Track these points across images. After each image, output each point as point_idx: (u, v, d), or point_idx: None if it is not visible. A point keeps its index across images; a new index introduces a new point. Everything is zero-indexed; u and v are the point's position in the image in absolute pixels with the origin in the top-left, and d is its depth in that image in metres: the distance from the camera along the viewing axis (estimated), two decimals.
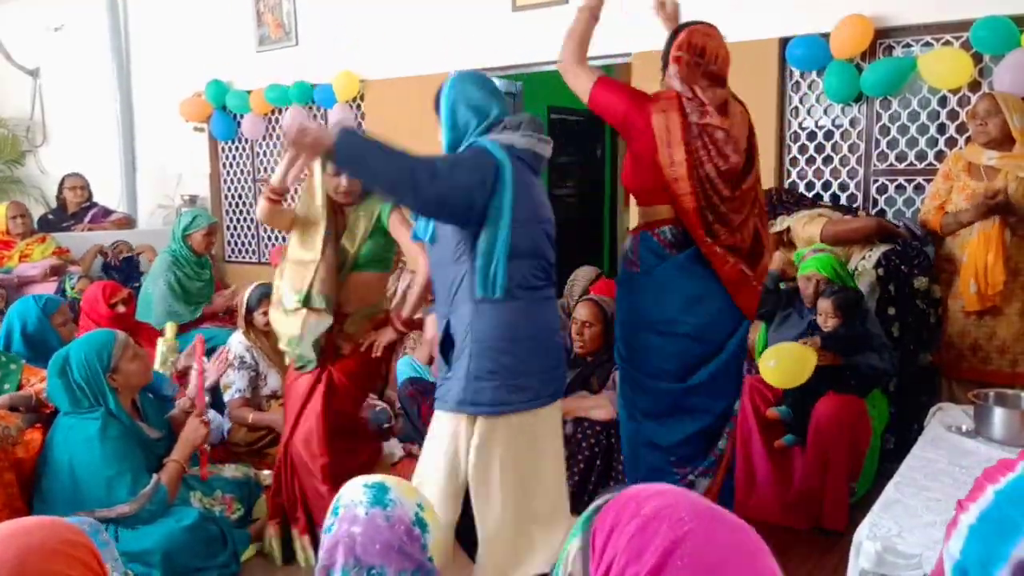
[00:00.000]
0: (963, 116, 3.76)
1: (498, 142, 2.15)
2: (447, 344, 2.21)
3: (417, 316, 4.44)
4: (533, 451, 2.23)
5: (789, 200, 3.81)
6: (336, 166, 2.25)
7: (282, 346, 2.85)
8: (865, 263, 3.54)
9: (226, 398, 3.81)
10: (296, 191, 2.74)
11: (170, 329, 3.99)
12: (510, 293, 2.13)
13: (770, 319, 3.49)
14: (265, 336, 3.91)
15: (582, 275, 4.27)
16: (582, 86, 2.45)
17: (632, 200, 2.83)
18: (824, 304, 3.18)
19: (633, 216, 4.47)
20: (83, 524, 1.17)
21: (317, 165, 2.73)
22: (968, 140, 3.72)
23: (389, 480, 1.35)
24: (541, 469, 2.26)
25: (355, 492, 1.32)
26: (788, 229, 3.71)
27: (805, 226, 3.61)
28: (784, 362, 3.05)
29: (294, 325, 2.73)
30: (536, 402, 2.20)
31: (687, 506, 0.89)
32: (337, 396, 2.83)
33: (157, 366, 3.45)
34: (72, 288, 4.61)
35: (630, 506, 0.90)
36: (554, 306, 2.31)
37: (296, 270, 2.74)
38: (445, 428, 2.22)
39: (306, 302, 2.69)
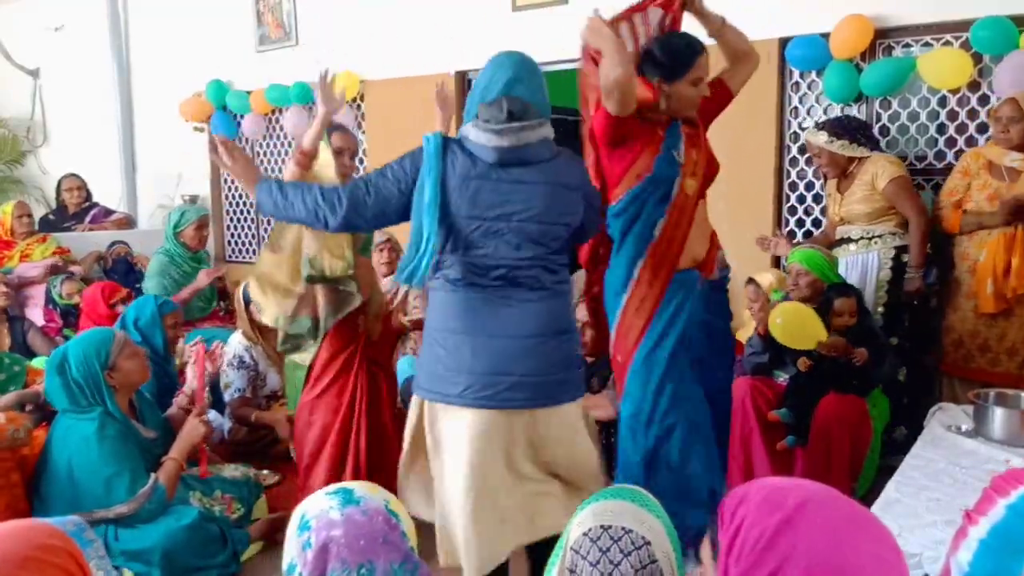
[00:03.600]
0: (963, 116, 3.76)
1: (462, 137, 2.16)
2: None
3: (420, 317, 4.46)
4: (459, 449, 2.13)
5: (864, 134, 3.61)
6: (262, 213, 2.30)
7: (266, 320, 2.81)
8: (880, 252, 3.52)
9: (226, 398, 3.81)
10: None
11: None
12: (448, 286, 2.14)
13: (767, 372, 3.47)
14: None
15: (578, 279, 4.27)
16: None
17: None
18: (847, 303, 3.18)
19: None
20: (65, 524, 1.15)
21: (324, 145, 2.76)
22: (968, 140, 3.73)
23: (348, 484, 1.35)
24: (456, 466, 2.14)
25: (320, 502, 1.30)
26: (857, 160, 3.54)
27: (889, 165, 3.46)
28: (788, 319, 3.11)
29: (286, 305, 2.73)
30: (462, 400, 2.09)
31: (812, 483, 1.00)
32: (391, 384, 3.04)
33: None
34: (59, 295, 4.58)
35: (757, 483, 1.00)
36: (524, 311, 2.11)
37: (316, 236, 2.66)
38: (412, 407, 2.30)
39: (333, 281, 2.68)
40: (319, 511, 1.28)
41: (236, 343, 3.86)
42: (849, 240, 3.62)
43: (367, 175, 2.17)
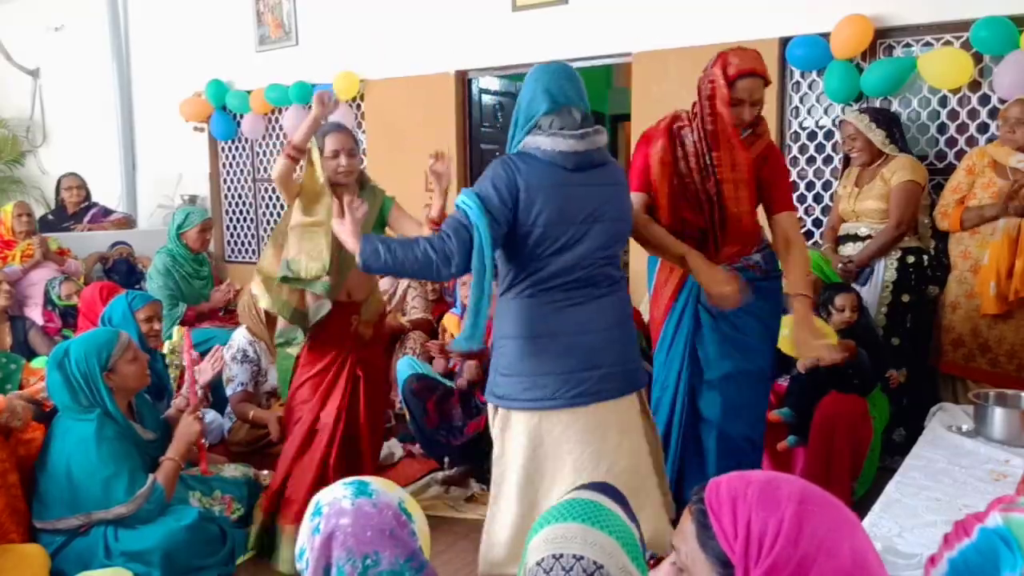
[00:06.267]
0: (963, 116, 3.76)
1: (530, 147, 2.17)
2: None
3: (419, 317, 4.46)
4: (540, 451, 2.22)
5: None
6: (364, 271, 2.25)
7: (263, 304, 2.85)
8: (888, 262, 3.51)
9: (228, 392, 3.81)
10: (300, 169, 2.82)
11: (177, 333, 3.99)
12: (524, 292, 2.17)
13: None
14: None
15: None
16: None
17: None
18: (848, 299, 3.19)
19: None
20: None
21: (314, 147, 2.78)
22: (969, 140, 3.73)
23: (366, 477, 1.37)
24: (551, 472, 2.24)
25: (335, 491, 1.33)
26: (884, 157, 3.53)
27: (911, 166, 3.45)
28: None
29: (290, 297, 2.77)
30: (550, 402, 2.19)
31: (785, 474, 1.00)
32: (374, 388, 2.96)
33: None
34: (58, 296, 4.58)
35: (735, 481, 0.98)
36: (600, 306, 2.24)
37: (303, 234, 2.72)
38: (491, 418, 2.32)
39: (306, 284, 2.72)
40: (332, 499, 1.32)
41: (241, 337, 3.87)
42: (856, 237, 3.59)
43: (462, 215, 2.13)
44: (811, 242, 4.12)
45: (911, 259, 3.49)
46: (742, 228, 2.57)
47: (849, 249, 3.61)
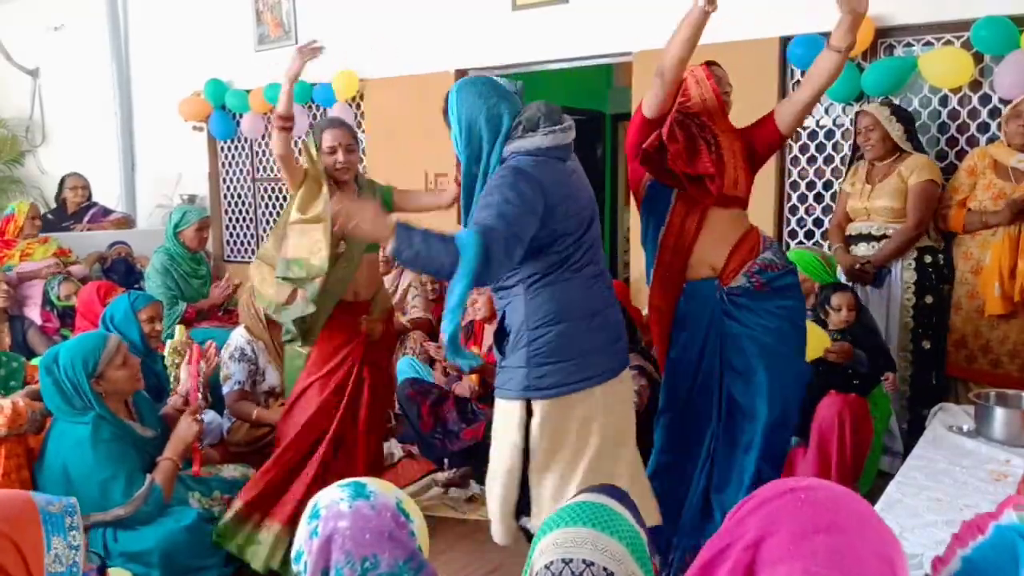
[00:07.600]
0: (964, 116, 3.76)
1: (524, 151, 2.14)
2: (501, 334, 2.25)
3: (418, 316, 4.45)
4: (598, 425, 2.22)
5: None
6: (397, 260, 2.14)
7: (259, 304, 2.88)
8: (905, 263, 3.49)
9: (224, 390, 3.79)
10: (297, 159, 2.83)
11: (179, 331, 3.98)
12: (561, 275, 2.16)
13: None
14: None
15: None
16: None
17: (632, 199, 2.85)
18: (846, 298, 3.19)
19: (634, 215, 4.47)
20: (49, 504, 1.21)
21: (311, 141, 2.82)
22: (970, 140, 3.73)
23: (362, 479, 1.37)
24: (582, 448, 2.23)
25: (333, 493, 1.33)
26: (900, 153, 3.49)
27: (930, 166, 3.44)
28: None
29: (281, 292, 2.74)
30: (600, 378, 2.20)
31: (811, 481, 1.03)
32: (378, 391, 2.97)
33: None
34: (57, 296, 4.57)
35: (793, 482, 1.02)
36: (604, 282, 2.29)
37: (302, 231, 2.70)
38: (511, 416, 2.22)
39: (302, 283, 2.69)
40: (329, 501, 1.31)
41: (238, 336, 3.86)
42: (870, 237, 3.54)
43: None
44: (812, 241, 4.12)
45: (928, 259, 3.46)
46: (736, 186, 2.53)
47: (863, 249, 3.55)
